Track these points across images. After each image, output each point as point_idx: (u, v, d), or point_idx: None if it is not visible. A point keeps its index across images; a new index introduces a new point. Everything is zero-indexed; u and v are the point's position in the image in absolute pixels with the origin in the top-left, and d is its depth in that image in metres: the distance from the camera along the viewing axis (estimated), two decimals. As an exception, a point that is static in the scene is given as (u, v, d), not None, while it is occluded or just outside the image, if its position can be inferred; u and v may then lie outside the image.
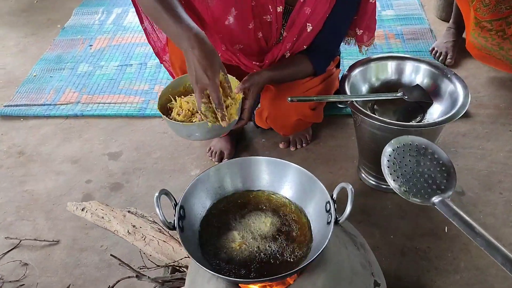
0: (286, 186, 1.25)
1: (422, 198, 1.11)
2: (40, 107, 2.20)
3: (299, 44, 1.56)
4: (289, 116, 1.65)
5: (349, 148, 1.93)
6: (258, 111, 1.70)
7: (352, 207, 1.07)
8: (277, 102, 1.59)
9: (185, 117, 1.32)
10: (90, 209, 1.36)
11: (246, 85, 1.39)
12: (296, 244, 1.14)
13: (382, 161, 1.19)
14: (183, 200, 1.16)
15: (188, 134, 1.33)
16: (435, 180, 1.14)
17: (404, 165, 1.18)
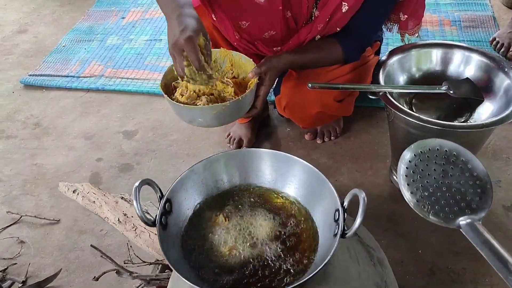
0: (291, 184, 1.07)
1: (445, 218, 0.91)
2: (63, 79, 2.13)
3: (332, 27, 1.36)
4: (309, 107, 1.45)
5: (384, 145, 1.71)
6: (277, 98, 1.52)
7: (363, 219, 0.89)
8: (297, 89, 1.40)
9: (188, 99, 1.17)
10: (82, 192, 1.25)
11: (262, 68, 1.21)
12: (297, 254, 0.97)
13: (399, 169, 0.99)
14: (170, 193, 1.02)
15: (190, 119, 1.18)
16: (464, 196, 0.93)
17: (427, 175, 0.98)
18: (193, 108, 1.13)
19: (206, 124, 1.18)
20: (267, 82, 1.22)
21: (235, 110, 1.16)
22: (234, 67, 1.29)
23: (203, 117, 1.14)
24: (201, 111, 1.12)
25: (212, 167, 1.10)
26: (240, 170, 1.11)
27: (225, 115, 1.15)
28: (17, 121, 1.96)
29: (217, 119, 1.15)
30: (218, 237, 1.01)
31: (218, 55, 1.29)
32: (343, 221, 0.93)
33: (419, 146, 1.05)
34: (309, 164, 1.05)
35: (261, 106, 1.23)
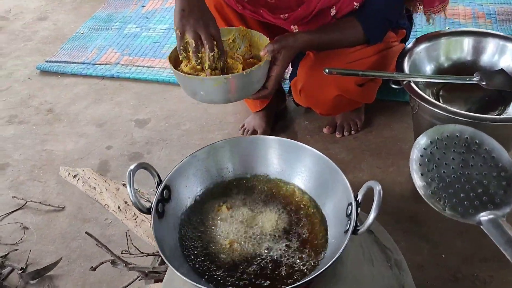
0: (301, 175, 0.99)
1: (464, 213, 0.81)
2: (78, 65, 2.09)
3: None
4: (327, 89, 1.35)
5: (407, 141, 1.61)
6: (293, 82, 1.42)
7: (378, 214, 0.80)
8: (314, 71, 1.30)
9: (192, 70, 1.10)
10: (83, 177, 1.19)
11: (275, 46, 1.13)
12: (304, 251, 0.88)
13: (412, 156, 0.89)
14: (169, 179, 0.95)
15: (192, 91, 1.11)
16: (487, 189, 0.82)
17: (444, 165, 0.87)
18: (193, 78, 1.06)
19: (209, 98, 1.11)
20: (281, 62, 1.13)
21: (240, 86, 1.09)
22: (253, 47, 1.21)
23: (205, 89, 1.07)
24: (202, 83, 1.05)
25: (216, 154, 1.02)
26: (246, 159, 1.02)
27: (229, 91, 1.07)
28: (31, 106, 1.93)
29: (220, 94, 1.08)
30: (219, 229, 0.93)
31: (237, 34, 1.22)
32: (355, 216, 0.84)
33: (436, 132, 0.95)
34: (320, 153, 0.96)
35: (272, 87, 1.15)
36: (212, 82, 1.07)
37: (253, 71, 1.08)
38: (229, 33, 1.21)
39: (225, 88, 1.08)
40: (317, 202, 0.96)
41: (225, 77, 1.06)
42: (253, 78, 1.10)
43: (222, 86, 1.07)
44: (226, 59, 1.12)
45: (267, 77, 1.15)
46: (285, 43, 1.14)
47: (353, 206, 0.85)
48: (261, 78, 1.13)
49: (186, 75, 1.09)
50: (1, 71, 2.15)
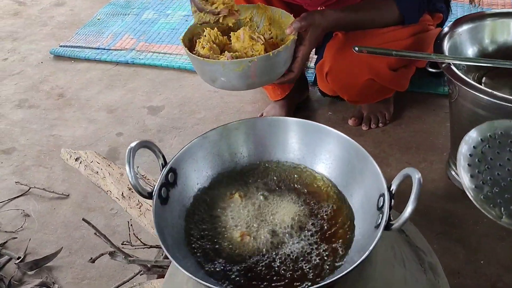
0: (325, 162, 0.87)
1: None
2: (92, 51, 2.01)
3: None
4: (358, 72, 1.22)
5: (440, 136, 1.47)
6: (319, 65, 1.30)
7: (416, 206, 0.68)
8: (343, 51, 1.18)
9: (210, 52, 0.99)
10: (86, 160, 1.10)
11: (302, 23, 1.01)
12: (327, 247, 0.76)
13: (460, 152, 0.76)
14: (176, 162, 0.84)
15: (211, 77, 1.00)
16: None
17: (498, 166, 0.75)
18: (214, 62, 0.95)
19: (230, 85, 0.99)
20: (308, 42, 1.01)
21: (264, 70, 0.97)
22: (273, 26, 1.09)
23: (226, 75, 0.95)
24: (223, 67, 0.94)
25: (229, 136, 0.90)
26: (263, 143, 0.91)
27: (253, 75, 0.96)
28: (42, 91, 1.86)
29: (243, 79, 0.97)
30: (230, 220, 0.82)
31: (255, 12, 1.10)
32: (389, 209, 0.72)
33: (489, 129, 0.82)
34: (347, 137, 0.84)
35: (299, 70, 1.03)
36: (234, 65, 0.96)
37: (280, 52, 0.97)
38: (246, 11, 1.10)
39: (249, 72, 0.96)
40: (343, 192, 0.84)
41: (250, 59, 0.95)
42: (280, 60, 0.99)
43: (245, 70, 0.96)
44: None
45: (292, 58, 1.04)
46: (312, 20, 1.03)
47: (386, 198, 0.73)
48: (288, 60, 1.02)
49: (204, 59, 0.97)
50: (15, 55, 2.08)
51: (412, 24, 1.23)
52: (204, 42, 1.00)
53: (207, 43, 1.00)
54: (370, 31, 1.16)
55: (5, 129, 1.69)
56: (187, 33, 1.06)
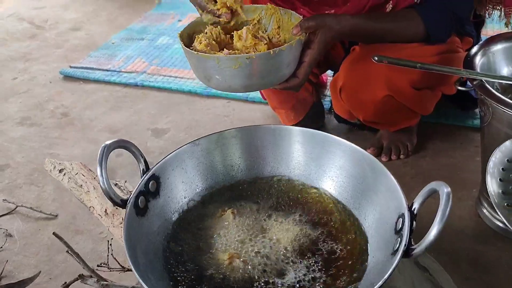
0: (332, 177, 0.74)
1: None
2: (102, 72, 1.95)
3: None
4: (375, 87, 1.10)
5: (468, 171, 1.33)
6: (332, 81, 1.18)
7: (442, 228, 0.55)
8: (359, 64, 1.07)
9: (207, 48, 0.89)
10: (70, 172, 0.99)
11: (310, 23, 0.91)
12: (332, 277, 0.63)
13: (492, 160, 0.64)
14: (159, 169, 0.73)
15: (205, 73, 0.90)
16: None
17: None
18: (208, 57, 0.85)
19: (226, 85, 0.89)
20: (316, 46, 0.90)
21: (264, 70, 0.86)
22: (282, 29, 1.00)
23: (221, 72, 0.85)
24: (218, 63, 0.84)
25: (225, 146, 0.79)
26: (263, 154, 0.79)
27: (251, 74, 0.85)
28: (46, 110, 1.79)
29: (240, 78, 0.86)
30: (219, 239, 0.69)
31: (263, 13, 1.01)
32: (409, 232, 0.58)
33: None
34: (361, 149, 0.72)
35: (304, 76, 0.92)
36: (231, 62, 0.86)
37: (282, 51, 0.87)
38: (254, 11, 1.01)
39: (247, 70, 0.86)
40: (355, 214, 0.71)
41: (247, 56, 0.85)
42: (282, 60, 0.88)
43: (242, 68, 0.86)
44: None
45: (298, 63, 0.93)
46: (323, 22, 0.92)
47: (406, 219, 0.60)
48: (292, 62, 0.91)
49: (198, 53, 0.88)
50: (25, 75, 2.04)
51: (439, 43, 1.12)
52: (202, 38, 0.91)
53: (206, 39, 0.91)
54: (391, 44, 1.05)
55: (2, 145, 1.61)
56: (186, 29, 0.98)
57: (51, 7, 2.71)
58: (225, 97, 1.73)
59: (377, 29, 1.03)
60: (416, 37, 1.07)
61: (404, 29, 1.05)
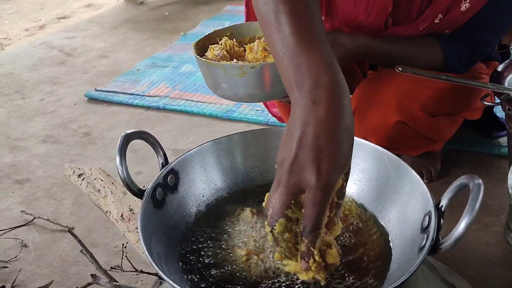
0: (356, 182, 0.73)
1: None
2: (126, 96, 1.99)
3: (440, 28, 1.03)
4: (386, 112, 1.06)
5: (496, 197, 1.28)
6: None
7: (473, 219, 0.52)
8: (372, 87, 1.05)
9: (217, 57, 0.91)
10: (89, 177, 0.99)
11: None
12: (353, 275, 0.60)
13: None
14: (179, 163, 0.72)
15: (213, 82, 0.91)
16: None
17: None
18: (215, 65, 0.86)
19: (232, 94, 0.89)
20: None
21: (270, 81, 0.86)
22: None
23: (227, 81, 0.85)
24: (224, 71, 0.84)
25: (246, 147, 0.78)
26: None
27: (257, 85, 0.85)
28: (69, 129, 1.81)
29: (245, 88, 0.86)
30: (237, 236, 0.67)
31: None
32: (436, 228, 0.55)
33: None
34: (384, 149, 0.70)
35: None
36: (236, 70, 0.86)
37: None
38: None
39: (252, 80, 0.86)
40: (377, 214, 0.68)
41: (252, 65, 0.86)
42: None
43: (247, 77, 0.86)
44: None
45: None
46: (336, 38, 0.92)
47: (433, 216, 0.57)
48: None
49: (206, 60, 0.90)
50: (52, 97, 2.09)
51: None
52: (215, 47, 0.93)
53: (218, 49, 0.92)
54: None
55: (24, 161, 1.63)
56: (202, 39, 0.99)
57: (81, 37, 2.81)
58: (246, 121, 1.74)
59: (393, 53, 1.01)
60: (433, 65, 1.04)
61: (422, 56, 1.03)
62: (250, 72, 0.84)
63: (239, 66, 0.86)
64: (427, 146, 1.28)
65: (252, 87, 0.86)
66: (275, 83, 0.88)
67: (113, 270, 0.85)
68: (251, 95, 0.88)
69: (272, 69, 0.85)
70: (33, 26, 3.31)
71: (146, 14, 3.17)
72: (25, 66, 2.44)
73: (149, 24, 2.97)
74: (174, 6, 3.31)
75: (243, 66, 0.85)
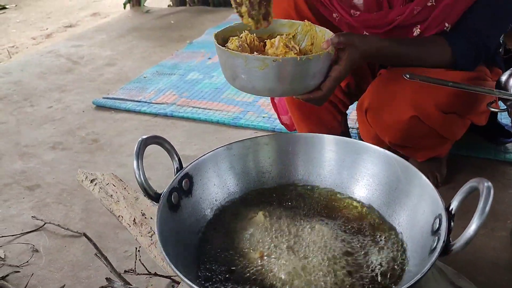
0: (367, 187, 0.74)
1: None
2: (133, 103, 2.01)
3: (437, 18, 1.07)
4: (401, 108, 1.09)
5: (502, 203, 1.29)
6: (359, 103, 1.18)
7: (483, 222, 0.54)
8: (385, 85, 1.08)
9: (239, 49, 0.93)
10: (101, 182, 1.00)
11: (340, 39, 0.93)
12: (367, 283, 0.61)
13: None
14: (193, 169, 0.74)
15: (232, 72, 0.92)
16: None
17: None
18: (236, 55, 0.87)
19: (251, 86, 0.90)
20: (344, 62, 0.92)
21: (290, 76, 0.87)
22: (315, 46, 1.02)
23: (247, 72, 0.87)
24: (246, 62, 0.85)
25: (258, 152, 0.80)
26: (295, 162, 0.80)
27: (276, 78, 0.86)
28: (77, 136, 1.84)
29: (264, 81, 0.87)
30: (250, 239, 0.68)
31: (299, 29, 1.05)
32: (447, 231, 0.57)
33: None
34: (394, 155, 0.71)
35: (328, 90, 0.92)
36: (258, 62, 0.87)
37: (309, 60, 0.88)
38: (291, 27, 1.05)
39: (272, 73, 0.87)
40: (388, 219, 0.69)
41: (274, 58, 0.87)
42: (308, 69, 0.89)
43: (269, 70, 0.87)
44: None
45: (325, 77, 0.94)
46: (352, 41, 0.94)
47: (444, 218, 0.58)
48: (318, 74, 0.92)
49: (227, 50, 0.91)
50: (60, 104, 2.11)
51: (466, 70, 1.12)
52: (236, 40, 0.95)
53: (239, 41, 0.94)
54: (418, 68, 1.06)
55: (34, 168, 1.65)
56: (223, 31, 1.01)
57: (88, 46, 2.85)
58: (253, 128, 1.76)
59: (403, 53, 1.05)
60: (442, 63, 1.08)
61: (431, 54, 1.07)
62: (272, 65, 0.85)
63: (261, 58, 0.87)
64: (435, 148, 1.29)
65: (272, 80, 0.87)
66: (295, 79, 0.89)
67: (127, 274, 0.87)
68: (270, 88, 0.90)
69: (294, 64, 0.87)
70: (40, 34, 3.35)
71: (152, 22, 3.21)
72: (33, 74, 2.47)
73: (155, 33, 3.00)
74: (179, 14, 3.35)
75: (265, 59, 0.86)
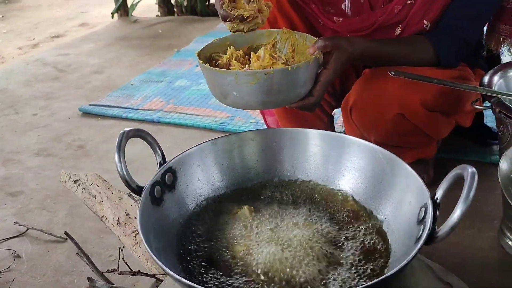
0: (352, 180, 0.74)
1: None
2: (120, 110, 2.00)
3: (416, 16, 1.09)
4: (386, 105, 1.08)
5: (488, 204, 1.29)
6: (344, 101, 1.17)
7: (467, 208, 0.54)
8: (370, 83, 1.08)
9: (225, 66, 0.92)
10: (85, 183, 0.99)
11: (326, 43, 0.93)
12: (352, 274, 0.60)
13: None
14: (176, 163, 0.73)
15: (222, 91, 0.91)
16: None
17: None
18: (226, 73, 0.86)
19: (243, 102, 0.89)
20: (332, 66, 0.92)
21: (282, 87, 0.87)
22: (296, 52, 1.02)
23: (239, 89, 0.85)
24: (236, 79, 0.84)
25: (243, 148, 0.79)
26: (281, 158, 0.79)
27: (268, 91, 0.85)
28: (62, 142, 1.81)
29: (257, 95, 0.86)
30: (234, 233, 0.67)
31: (279, 37, 1.04)
32: (432, 220, 0.56)
33: None
34: (379, 147, 0.71)
35: (319, 95, 0.92)
36: (248, 77, 0.86)
37: (299, 68, 0.87)
38: (269, 36, 1.04)
39: (265, 86, 0.86)
40: (373, 209, 0.69)
41: (266, 71, 0.86)
42: (299, 77, 0.89)
43: (260, 84, 0.86)
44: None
45: (314, 82, 0.94)
46: (338, 43, 0.94)
47: (429, 207, 0.58)
48: (308, 80, 0.92)
49: (215, 69, 0.90)
50: (46, 111, 2.09)
51: (451, 69, 1.13)
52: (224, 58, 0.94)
53: (226, 59, 0.94)
54: (403, 67, 1.06)
55: (18, 174, 1.62)
56: (204, 49, 1.00)
57: (75, 54, 2.83)
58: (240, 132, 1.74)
59: (388, 53, 1.06)
60: (426, 61, 1.10)
61: (415, 52, 1.08)
62: (264, 78, 0.85)
63: (251, 73, 0.86)
64: (421, 146, 1.29)
65: (265, 93, 0.86)
66: (287, 89, 0.88)
67: (110, 273, 0.85)
68: (264, 102, 0.88)
69: (285, 74, 0.86)
70: (27, 44, 3.33)
71: (140, 32, 3.21)
72: (19, 82, 2.45)
73: (143, 41, 3.00)
74: (167, 24, 3.35)
75: (256, 73, 0.85)
